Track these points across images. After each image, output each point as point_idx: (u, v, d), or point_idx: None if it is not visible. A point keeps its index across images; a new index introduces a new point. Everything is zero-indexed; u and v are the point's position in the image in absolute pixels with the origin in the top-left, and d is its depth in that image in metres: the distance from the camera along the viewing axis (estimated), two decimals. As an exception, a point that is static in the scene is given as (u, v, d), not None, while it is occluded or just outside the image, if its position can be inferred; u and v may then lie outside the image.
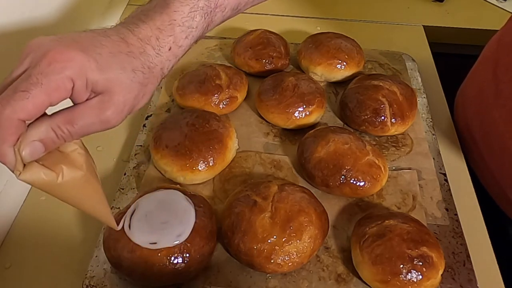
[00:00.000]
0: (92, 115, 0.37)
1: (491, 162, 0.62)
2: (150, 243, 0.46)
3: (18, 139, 0.35)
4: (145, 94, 0.42)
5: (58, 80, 0.35)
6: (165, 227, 0.48)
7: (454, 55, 0.97)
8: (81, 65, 0.36)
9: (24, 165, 0.36)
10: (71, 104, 0.38)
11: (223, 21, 0.50)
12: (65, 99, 0.36)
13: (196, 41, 0.47)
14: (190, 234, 0.47)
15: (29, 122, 0.36)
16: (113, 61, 0.38)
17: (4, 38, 0.54)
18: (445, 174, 0.61)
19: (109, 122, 0.38)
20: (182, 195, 0.50)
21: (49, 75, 0.34)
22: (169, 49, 0.43)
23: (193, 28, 0.44)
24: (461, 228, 0.55)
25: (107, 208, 0.43)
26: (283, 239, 0.48)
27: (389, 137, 0.66)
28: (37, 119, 0.36)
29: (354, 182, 0.55)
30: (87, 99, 0.37)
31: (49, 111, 0.37)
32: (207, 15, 0.45)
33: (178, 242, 0.47)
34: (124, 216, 0.49)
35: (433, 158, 0.63)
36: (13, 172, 0.36)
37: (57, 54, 0.35)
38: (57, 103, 0.36)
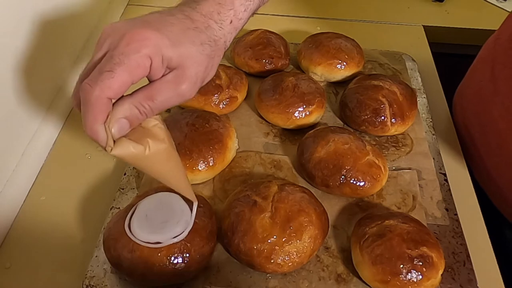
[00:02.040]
0: (170, 89, 0.40)
1: (489, 161, 0.62)
2: (151, 242, 0.46)
3: (107, 117, 0.38)
4: (213, 66, 0.45)
5: (138, 58, 0.37)
6: (165, 226, 0.48)
7: (454, 55, 0.97)
8: (156, 43, 0.38)
9: (114, 141, 0.39)
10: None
11: None
12: (144, 76, 0.39)
13: (253, 14, 0.50)
14: (190, 234, 0.47)
15: (114, 100, 0.39)
16: (183, 37, 0.41)
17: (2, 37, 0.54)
18: (445, 174, 0.61)
19: (184, 95, 0.41)
20: (180, 197, 0.50)
21: (130, 54, 0.37)
22: (230, 22, 0.46)
23: (250, 1, 0.48)
24: (461, 228, 0.55)
25: (187, 180, 0.47)
26: (283, 239, 0.48)
27: (389, 137, 0.66)
28: (119, 99, 0.39)
29: (354, 182, 0.55)
30: (162, 75, 0.40)
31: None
32: None
33: (176, 240, 0.47)
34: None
35: (433, 158, 0.63)
36: (104, 148, 0.38)
37: (134, 35, 0.38)
38: (138, 81, 0.39)
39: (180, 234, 0.47)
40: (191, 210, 0.49)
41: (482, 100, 0.64)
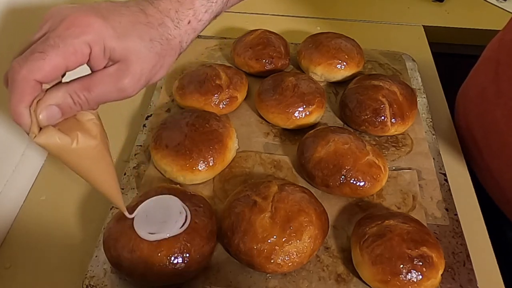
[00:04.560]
0: (109, 82, 0.38)
1: (491, 162, 0.62)
2: (151, 234, 0.47)
3: (33, 100, 0.36)
4: (163, 66, 0.42)
5: (75, 44, 0.35)
6: (164, 225, 0.48)
7: (454, 55, 0.97)
8: (99, 31, 0.36)
9: (40, 129, 0.36)
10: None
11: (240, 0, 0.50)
12: (81, 64, 0.37)
13: (215, 17, 0.47)
14: (190, 234, 0.48)
15: (46, 86, 0.37)
16: (131, 30, 0.39)
17: None
18: (445, 174, 0.61)
19: (125, 91, 0.39)
20: (178, 199, 0.51)
21: (67, 38, 0.35)
22: (188, 23, 0.43)
23: (213, 2, 0.45)
24: (461, 228, 0.55)
25: (117, 186, 0.43)
26: (283, 239, 0.48)
27: (389, 137, 0.66)
28: (54, 85, 0.37)
29: (354, 182, 0.55)
30: (105, 67, 0.38)
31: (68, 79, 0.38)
32: None
33: (172, 234, 0.47)
34: (137, 208, 0.49)
35: (433, 158, 0.63)
36: (28, 134, 0.36)
37: (76, 19, 0.36)
38: (74, 68, 0.37)
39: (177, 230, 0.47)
40: (194, 208, 0.49)
41: (485, 101, 0.64)
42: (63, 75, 0.40)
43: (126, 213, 0.46)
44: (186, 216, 0.49)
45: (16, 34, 0.57)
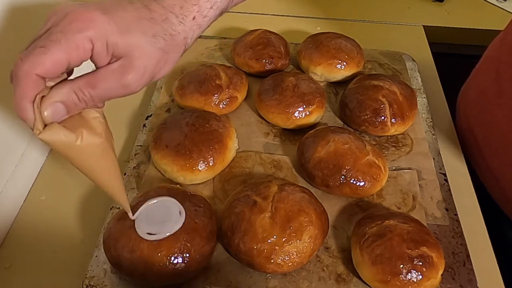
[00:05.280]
0: (113, 79, 0.38)
1: (492, 162, 0.62)
2: (151, 234, 0.47)
3: (37, 96, 0.36)
4: (167, 62, 0.42)
5: (77, 39, 0.35)
6: (164, 225, 0.48)
7: (454, 55, 0.97)
8: (102, 27, 0.36)
9: (45, 125, 0.37)
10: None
11: None
12: (84, 60, 0.37)
13: (221, 13, 0.47)
14: (190, 234, 0.48)
15: (51, 84, 0.37)
16: (135, 26, 0.39)
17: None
18: (445, 174, 0.61)
19: (129, 87, 0.39)
20: (176, 201, 0.51)
21: (69, 33, 0.35)
22: (193, 18, 0.43)
23: None
24: (461, 228, 0.55)
25: (121, 184, 0.43)
26: (283, 239, 0.48)
27: (389, 137, 0.66)
28: (59, 82, 0.37)
29: (354, 182, 0.55)
30: (108, 63, 0.38)
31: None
32: None
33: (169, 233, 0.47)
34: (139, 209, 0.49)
35: (433, 158, 0.63)
36: (32, 130, 0.37)
37: (79, 14, 0.36)
38: (77, 64, 0.37)
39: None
40: (195, 208, 0.49)
41: (486, 100, 0.64)
42: (69, 74, 0.40)
43: (130, 214, 0.46)
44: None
45: (19, 33, 0.57)
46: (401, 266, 0.46)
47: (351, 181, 0.55)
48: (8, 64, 0.55)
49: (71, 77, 0.39)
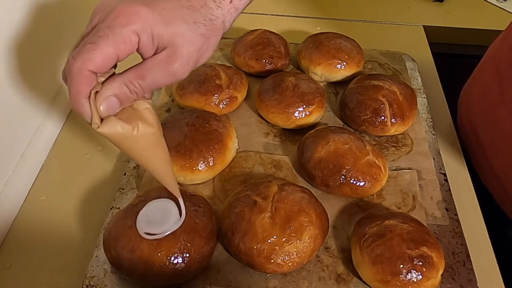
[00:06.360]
0: (160, 68, 0.40)
1: (494, 161, 0.62)
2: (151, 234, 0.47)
3: (91, 92, 0.37)
4: (209, 47, 0.44)
5: (124, 33, 0.37)
6: (164, 225, 0.48)
7: (454, 55, 0.97)
8: (146, 19, 0.38)
9: (102, 120, 0.38)
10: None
11: None
12: (131, 53, 0.38)
13: None
14: (190, 234, 0.48)
15: (102, 79, 0.38)
16: (175, 15, 0.40)
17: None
18: (445, 174, 0.61)
19: (176, 74, 0.41)
20: (174, 203, 0.51)
21: (116, 28, 0.37)
22: (230, 2, 0.45)
23: None
24: (461, 228, 0.55)
25: (172, 172, 0.45)
26: (283, 239, 0.48)
27: (389, 137, 0.66)
28: (109, 77, 0.39)
29: (354, 182, 0.55)
30: (154, 54, 0.40)
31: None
32: None
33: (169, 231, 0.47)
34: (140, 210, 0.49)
35: (433, 158, 0.63)
36: (91, 124, 0.38)
37: (122, 9, 0.37)
38: (125, 57, 0.38)
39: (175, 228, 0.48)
40: (195, 208, 0.49)
41: (488, 100, 0.64)
42: (115, 66, 0.41)
43: (180, 200, 0.47)
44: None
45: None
46: (401, 266, 0.46)
47: (351, 181, 0.55)
48: (8, 64, 0.56)
49: (116, 70, 0.41)
